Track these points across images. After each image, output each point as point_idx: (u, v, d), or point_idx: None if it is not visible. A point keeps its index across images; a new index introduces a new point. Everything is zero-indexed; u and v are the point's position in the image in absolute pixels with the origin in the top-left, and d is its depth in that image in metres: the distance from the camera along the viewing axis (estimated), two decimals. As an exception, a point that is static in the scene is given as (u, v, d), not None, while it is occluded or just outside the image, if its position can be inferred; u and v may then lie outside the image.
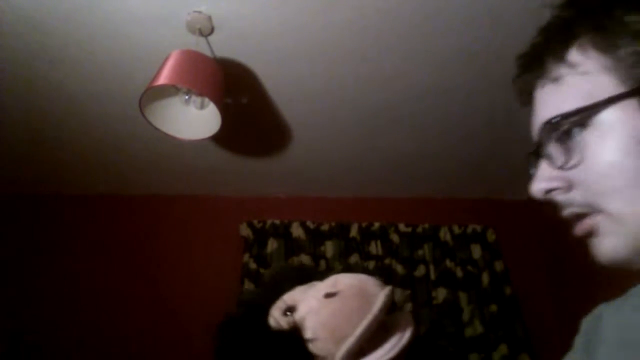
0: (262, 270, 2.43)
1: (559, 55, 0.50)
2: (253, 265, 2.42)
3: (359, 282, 0.69)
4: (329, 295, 0.67)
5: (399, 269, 2.48)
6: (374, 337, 0.65)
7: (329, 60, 1.76)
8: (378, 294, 0.66)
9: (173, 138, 1.70)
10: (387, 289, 0.67)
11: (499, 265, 2.55)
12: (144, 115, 1.58)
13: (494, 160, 2.38)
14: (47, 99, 1.94)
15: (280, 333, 0.66)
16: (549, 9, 0.52)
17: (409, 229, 2.59)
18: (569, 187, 0.50)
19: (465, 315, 2.41)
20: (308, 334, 0.64)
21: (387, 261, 2.51)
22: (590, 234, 0.50)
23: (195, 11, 1.54)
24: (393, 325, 0.66)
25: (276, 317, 0.68)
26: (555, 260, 2.51)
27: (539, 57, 0.53)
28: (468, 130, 2.19)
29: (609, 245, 0.49)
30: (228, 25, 1.60)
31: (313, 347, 0.64)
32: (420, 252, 2.55)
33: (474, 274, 2.51)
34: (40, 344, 2.22)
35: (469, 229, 2.61)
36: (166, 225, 2.58)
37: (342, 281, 0.70)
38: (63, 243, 2.50)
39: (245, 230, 2.53)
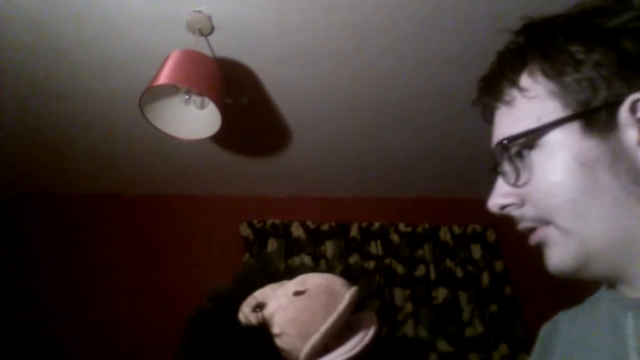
0: (262, 270, 2.43)
1: (512, 79, 0.54)
2: (253, 265, 2.42)
3: (327, 281, 0.71)
4: (297, 293, 0.70)
5: (399, 269, 2.48)
6: (339, 335, 0.67)
7: (329, 60, 1.76)
8: (344, 293, 0.69)
9: (173, 138, 1.70)
10: (354, 289, 0.70)
11: (499, 265, 2.55)
12: (144, 115, 1.58)
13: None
14: (47, 99, 1.94)
15: (249, 328, 0.67)
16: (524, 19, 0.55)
17: (409, 229, 2.59)
18: (522, 203, 0.54)
19: (465, 315, 2.41)
20: (276, 329, 0.66)
21: (387, 261, 2.51)
22: (542, 244, 0.53)
23: (195, 11, 1.54)
24: (358, 325, 0.69)
25: (246, 313, 0.70)
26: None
27: (496, 81, 0.56)
28: (468, 131, 2.18)
29: (557, 255, 0.52)
30: (228, 25, 1.60)
31: (280, 342, 0.65)
32: (420, 252, 2.55)
33: (474, 274, 2.51)
34: (39, 344, 2.22)
35: (469, 229, 2.61)
36: (166, 225, 2.58)
37: (310, 280, 0.72)
38: (63, 243, 2.50)
39: (245, 230, 2.53)
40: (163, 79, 1.46)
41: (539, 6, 0.54)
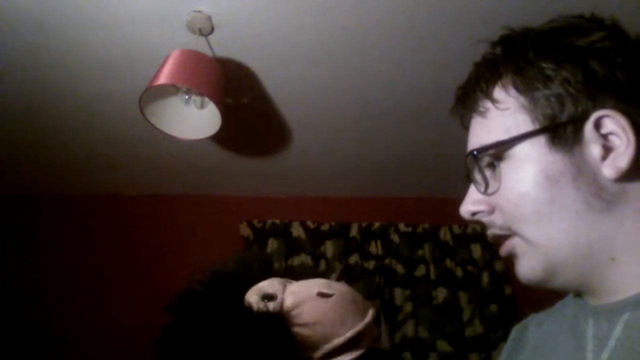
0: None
1: (486, 91, 0.56)
2: (253, 265, 2.42)
3: (352, 292, 0.77)
4: (323, 295, 0.73)
5: (399, 269, 2.48)
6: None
7: (329, 60, 1.76)
8: (368, 308, 0.75)
9: (173, 138, 1.70)
10: (374, 308, 0.76)
11: (499, 265, 2.55)
12: (144, 115, 1.58)
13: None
14: (47, 99, 1.94)
15: (266, 314, 0.68)
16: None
17: (409, 229, 2.59)
18: (491, 210, 0.55)
19: (465, 315, 2.41)
20: (300, 320, 0.68)
21: (387, 261, 2.51)
22: (511, 255, 0.55)
23: (195, 11, 1.54)
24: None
25: (254, 301, 0.71)
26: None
27: (471, 91, 0.58)
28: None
29: (526, 265, 0.54)
30: (228, 25, 1.60)
31: (302, 332, 0.68)
32: (420, 252, 2.55)
33: (474, 274, 2.51)
34: (38, 344, 2.22)
35: (469, 229, 2.61)
36: (166, 225, 2.58)
37: (335, 285, 0.76)
38: (63, 243, 2.50)
39: (245, 230, 2.53)
40: (163, 78, 1.46)
41: (539, 6, 0.54)
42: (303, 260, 2.45)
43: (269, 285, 0.75)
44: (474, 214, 0.57)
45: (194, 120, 1.69)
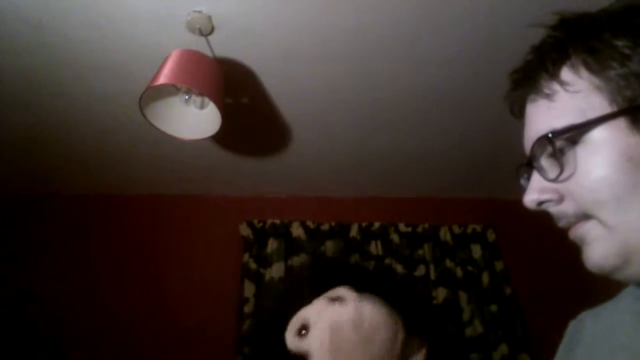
0: (262, 271, 2.43)
1: (552, 73, 0.53)
2: (253, 265, 2.42)
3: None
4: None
5: (399, 269, 2.48)
6: None
7: (329, 59, 1.76)
8: None
9: (173, 138, 1.70)
10: None
11: (499, 265, 2.55)
12: (144, 115, 1.58)
13: (494, 160, 2.38)
14: (47, 99, 1.94)
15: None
16: (544, 28, 0.55)
17: (409, 229, 2.59)
18: (561, 199, 0.52)
19: (465, 315, 2.41)
20: None
21: (387, 261, 2.51)
22: (582, 240, 0.52)
23: (195, 11, 1.54)
24: None
25: (290, 339, 0.60)
26: (555, 260, 2.51)
27: (533, 74, 0.55)
28: (468, 130, 2.19)
29: (599, 251, 0.50)
30: (228, 25, 1.60)
31: None
32: (420, 252, 2.55)
33: (474, 274, 2.51)
34: (37, 344, 2.22)
35: (469, 229, 2.61)
36: (166, 225, 2.58)
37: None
38: (63, 243, 2.50)
39: (245, 230, 2.53)
40: (163, 78, 1.46)
41: (538, 6, 0.54)
42: (303, 261, 2.45)
43: (305, 311, 0.63)
44: (540, 203, 0.54)
45: (194, 120, 1.69)
